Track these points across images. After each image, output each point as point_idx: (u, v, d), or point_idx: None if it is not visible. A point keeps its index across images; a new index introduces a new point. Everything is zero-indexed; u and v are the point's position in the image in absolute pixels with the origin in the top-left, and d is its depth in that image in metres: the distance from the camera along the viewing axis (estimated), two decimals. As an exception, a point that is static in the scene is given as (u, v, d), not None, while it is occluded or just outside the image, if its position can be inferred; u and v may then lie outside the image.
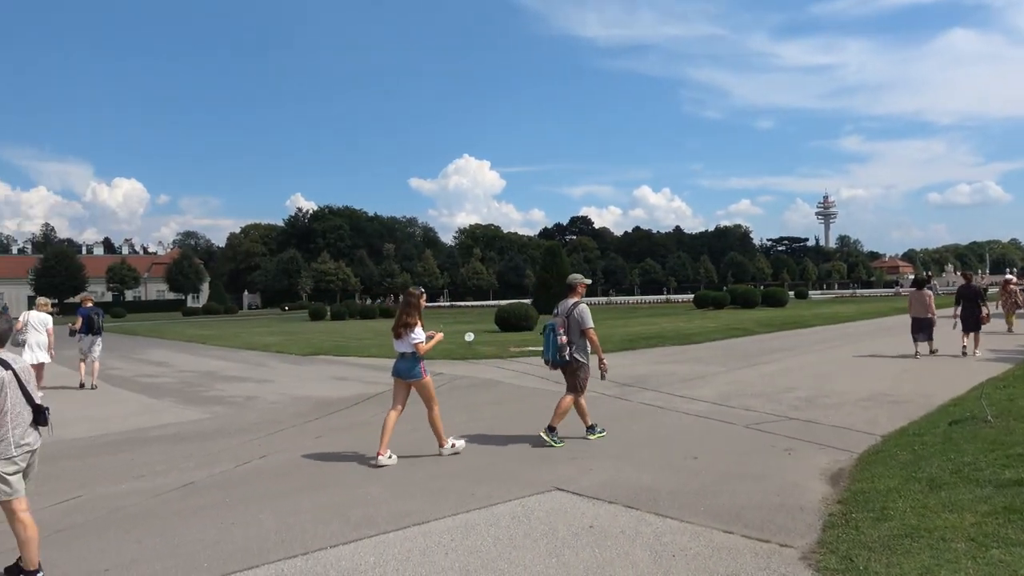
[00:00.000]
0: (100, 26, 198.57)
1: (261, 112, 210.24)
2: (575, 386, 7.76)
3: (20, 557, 4.29)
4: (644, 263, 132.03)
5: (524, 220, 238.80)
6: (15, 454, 4.21)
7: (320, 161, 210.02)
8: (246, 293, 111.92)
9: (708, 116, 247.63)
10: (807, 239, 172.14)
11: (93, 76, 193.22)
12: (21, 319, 12.32)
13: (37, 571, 4.26)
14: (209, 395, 12.39)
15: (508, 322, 26.16)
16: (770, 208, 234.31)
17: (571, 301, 7.91)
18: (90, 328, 13.87)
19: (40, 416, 4.38)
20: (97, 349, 13.91)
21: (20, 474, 4.25)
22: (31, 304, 14.96)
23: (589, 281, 8.49)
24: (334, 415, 10.01)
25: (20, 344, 12.39)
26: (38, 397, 4.41)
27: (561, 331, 7.70)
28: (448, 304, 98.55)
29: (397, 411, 7.26)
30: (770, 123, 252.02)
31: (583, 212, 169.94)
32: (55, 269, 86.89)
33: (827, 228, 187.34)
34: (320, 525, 5.13)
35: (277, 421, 9.66)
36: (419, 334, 7.22)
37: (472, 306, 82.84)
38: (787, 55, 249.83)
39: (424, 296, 7.50)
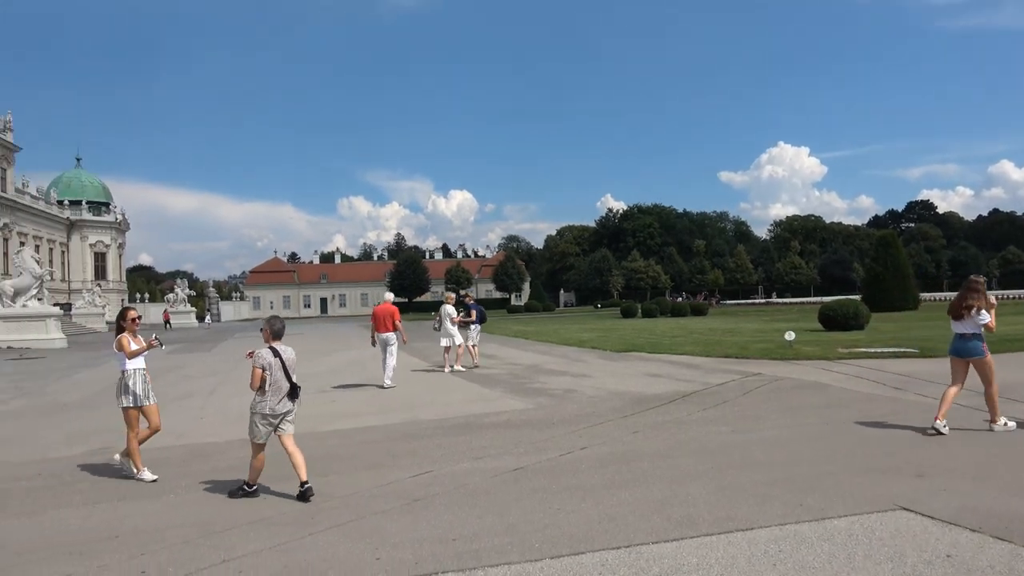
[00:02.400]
0: (431, 62, 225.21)
1: (572, 120, 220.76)
2: None
3: (303, 479, 6.12)
4: (1005, 251, 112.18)
5: (849, 208, 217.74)
6: (268, 413, 6.07)
7: (628, 161, 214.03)
8: (562, 291, 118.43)
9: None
10: None
11: (430, 103, 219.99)
12: (439, 312, 16.36)
13: (254, 486, 6.17)
14: (533, 387, 13.29)
15: (834, 320, 24.11)
16: None
17: None
18: (481, 319, 17.45)
19: (294, 392, 6.16)
20: (478, 336, 17.35)
21: (269, 428, 6.10)
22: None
23: None
24: (650, 411, 10.09)
25: (437, 330, 16.58)
26: (295, 378, 6.17)
27: None
28: (763, 300, 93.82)
29: (957, 387, 7.97)
30: None
31: (923, 196, 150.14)
32: (405, 272, 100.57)
33: None
34: (641, 519, 5.19)
35: (595, 414, 10.02)
36: (985, 315, 7.80)
37: (790, 303, 77.91)
38: None
39: (985, 282, 8.08)
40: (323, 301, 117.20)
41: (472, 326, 17.34)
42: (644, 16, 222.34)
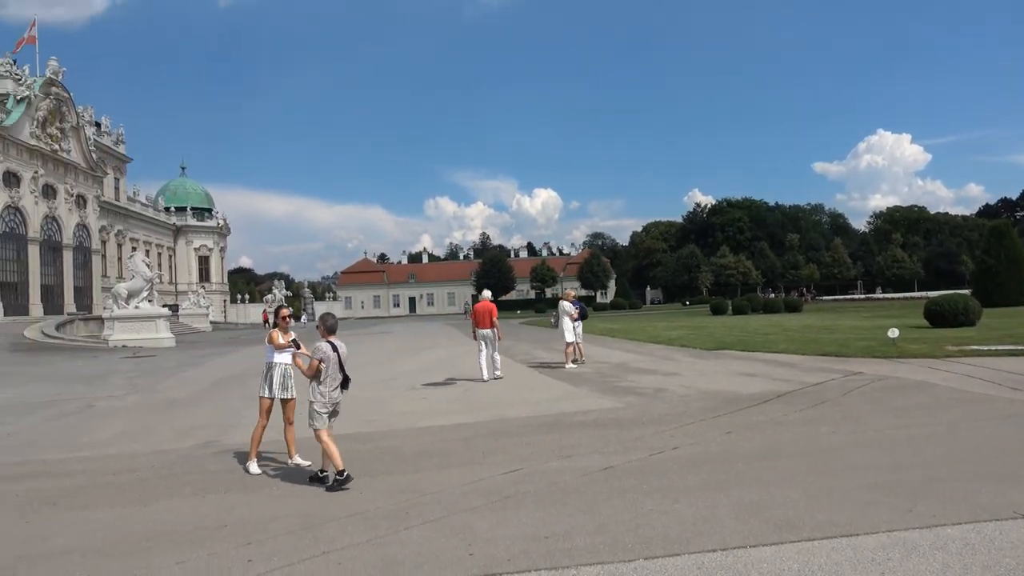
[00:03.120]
0: (513, 60, 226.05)
1: (657, 114, 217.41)
2: None
3: (323, 467, 6.71)
4: None
5: (956, 198, 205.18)
6: (327, 401, 6.61)
7: (716, 154, 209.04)
8: (648, 288, 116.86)
9: None
10: None
11: (513, 102, 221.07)
12: (557, 308, 16.99)
13: (343, 471, 6.41)
14: (622, 385, 13.15)
15: (941, 316, 22.77)
16: None
17: None
18: (582, 315, 17.45)
19: (346, 383, 6.77)
20: (580, 332, 17.37)
21: (328, 415, 6.63)
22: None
23: None
24: (743, 411, 9.81)
25: (554, 326, 17.11)
26: (347, 371, 6.75)
27: None
28: (863, 296, 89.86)
29: None
30: None
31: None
32: (491, 271, 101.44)
33: None
34: (737, 522, 5.04)
35: (686, 414, 9.82)
36: None
37: (892, 298, 74.21)
38: None
39: None
40: (411, 300, 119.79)
41: (575, 323, 17.48)
42: (729, 3, 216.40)
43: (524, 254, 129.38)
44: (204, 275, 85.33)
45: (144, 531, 5.55)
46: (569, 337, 16.58)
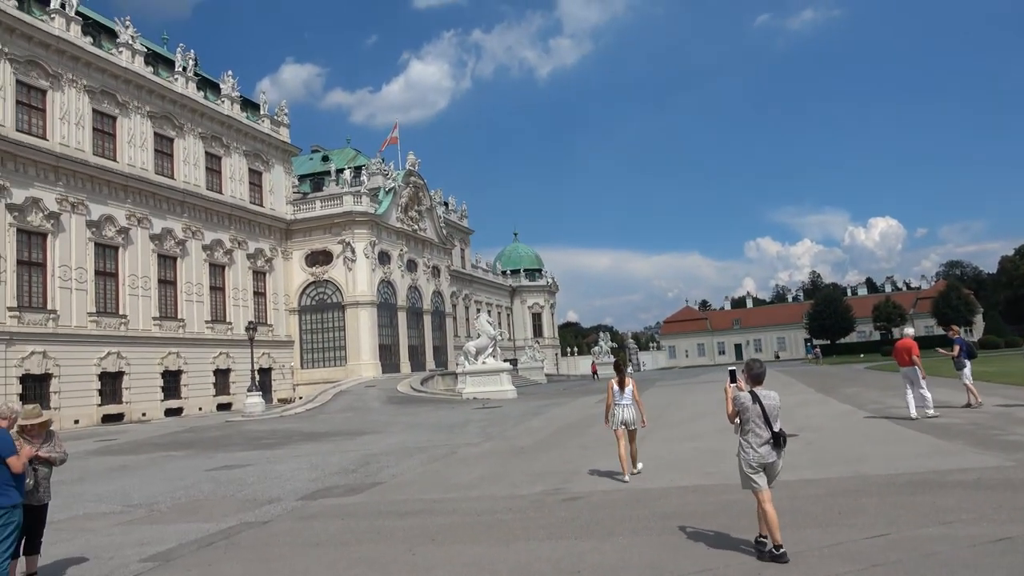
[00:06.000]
0: (840, 84, 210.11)
1: (1015, 113, 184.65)
2: None
3: (761, 531, 5.90)
4: None
5: None
6: (750, 458, 5.87)
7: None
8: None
9: None
10: None
11: (837, 129, 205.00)
12: None
13: (780, 547, 5.60)
14: (1008, 439, 11.08)
15: None
16: None
17: None
18: (969, 354, 16.12)
19: (777, 440, 5.86)
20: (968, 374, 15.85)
21: (761, 474, 5.84)
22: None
23: None
24: None
25: None
26: (777, 426, 5.88)
27: None
28: None
29: None
30: None
31: None
32: (824, 312, 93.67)
33: None
34: None
35: (1107, 476, 7.92)
36: None
37: None
38: None
39: None
40: (737, 347, 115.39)
41: (960, 361, 16.05)
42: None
43: (863, 291, 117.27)
44: (537, 330, 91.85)
45: (507, 569, 6.02)
46: None
